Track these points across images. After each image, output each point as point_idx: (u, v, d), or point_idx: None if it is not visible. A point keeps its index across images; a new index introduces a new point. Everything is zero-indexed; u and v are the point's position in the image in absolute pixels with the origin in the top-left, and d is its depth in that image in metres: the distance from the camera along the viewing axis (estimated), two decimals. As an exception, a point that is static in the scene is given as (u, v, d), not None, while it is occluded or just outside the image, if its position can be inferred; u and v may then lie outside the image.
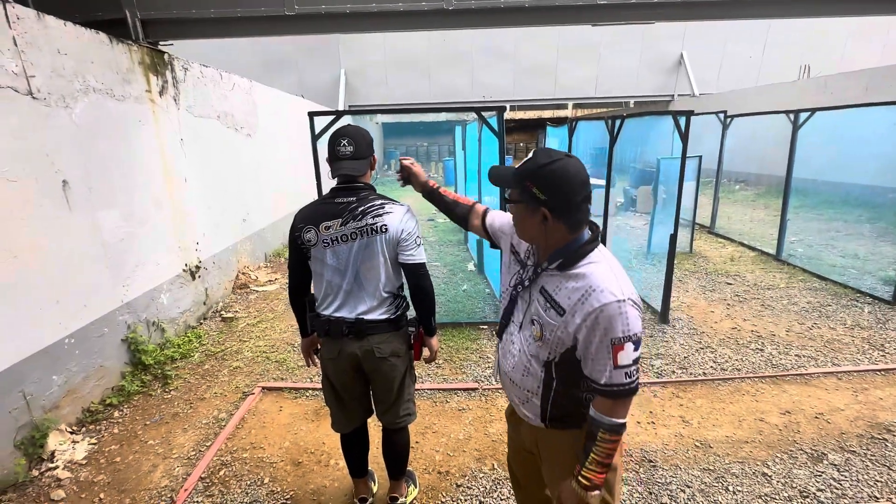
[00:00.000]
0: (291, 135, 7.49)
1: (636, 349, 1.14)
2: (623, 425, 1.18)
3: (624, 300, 1.12)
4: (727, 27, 13.88)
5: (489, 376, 3.34)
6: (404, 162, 1.83)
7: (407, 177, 1.85)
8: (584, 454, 1.21)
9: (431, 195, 1.76)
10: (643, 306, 4.49)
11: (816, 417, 2.80)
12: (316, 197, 4.00)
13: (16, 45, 2.55)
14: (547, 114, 23.77)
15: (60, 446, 2.61)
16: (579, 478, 1.21)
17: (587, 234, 1.23)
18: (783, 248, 5.82)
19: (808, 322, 4.10)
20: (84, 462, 2.57)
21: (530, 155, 1.22)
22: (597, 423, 1.19)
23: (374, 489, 2.33)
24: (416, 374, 3.36)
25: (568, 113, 23.83)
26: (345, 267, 1.78)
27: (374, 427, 2.25)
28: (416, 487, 2.32)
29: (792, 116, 5.47)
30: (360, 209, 1.73)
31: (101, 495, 2.34)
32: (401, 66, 14.24)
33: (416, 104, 14.23)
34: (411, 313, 1.95)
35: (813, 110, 5.26)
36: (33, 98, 2.65)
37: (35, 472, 2.46)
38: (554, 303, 1.21)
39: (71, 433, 2.74)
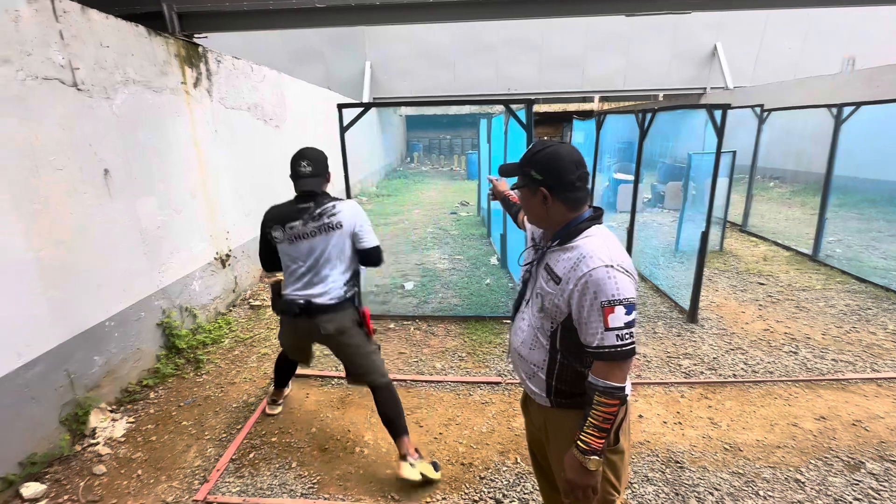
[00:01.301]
0: (318, 126, 7.58)
1: (628, 313, 1.19)
2: (619, 389, 1.21)
3: (612, 265, 1.20)
4: (766, 17, 13.31)
5: (512, 371, 3.34)
6: (490, 178, 2.17)
7: (493, 190, 2.16)
8: (583, 419, 1.26)
9: (505, 201, 2.04)
10: (671, 304, 4.42)
11: (854, 424, 2.70)
12: (343, 187, 4.04)
13: (62, 38, 2.65)
14: (572, 107, 23.36)
15: (101, 423, 2.73)
16: (577, 442, 1.25)
17: (589, 213, 1.34)
18: (820, 248, 5.59)
19: (846, 325, 3.94)
20: (123, 439, 2.69)
21: (529, 146, 1.38)
22: (592, 386, 1.24)
23: (287, 391, 2.98)
24: (438, 366, 3.40)
25: (594, 106, 23.38)
26: (304, 258, 2.22)
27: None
28: (434, 470, 2.32)
29: (834, 111, 5.23)
30: (316, 211, 2.18)
31: (139, 472, 2.45)
32: (425, 58, 14.19)
33: (440, 96, 14.20)
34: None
35: (858, 104, 5.02)
36: (78, 90, 2.75)
37: (78, 447, 2.59)
38: (553, 274, 1.31)
39: (111, 411, 2.86)
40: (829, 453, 2.48)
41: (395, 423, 2.34)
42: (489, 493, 2.28)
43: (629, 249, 5.56)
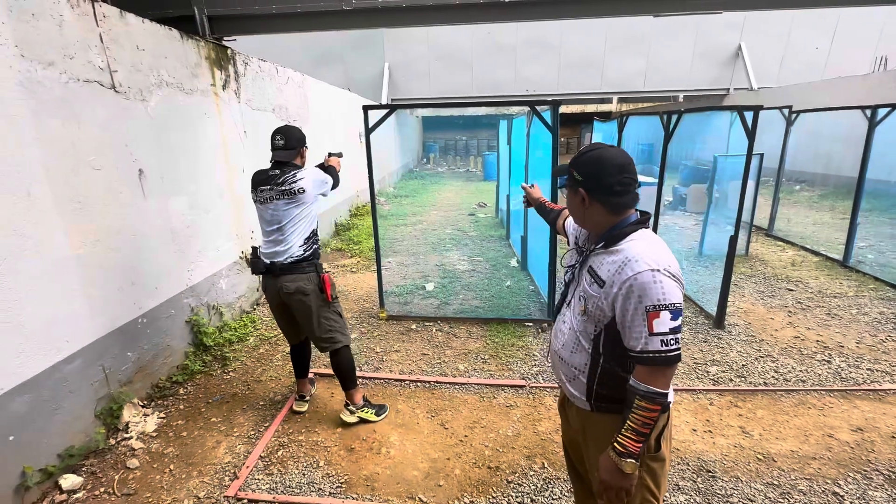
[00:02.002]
0: (339, 126, 7.65)
1: (674, 318, 1.17)
2: (661, 395, 1.19)
3: (658, 269, 1.18)
4: (792, 16, 13.00)
5: (536, 374, 3.32)
6: (524, 185, 2.18)
7: (528, 197, 2.16)
8: (622, 422, 1.25)
9: (541, 207, 2.02)
10: (696, 309, 4.34)
11: (894, 437, 2.62)
12: (366, 187, 4.07)
13: (102, 41, 2.72)
14: (590, 108, 23.17)
15: (134, 418, 2.80)
16: (614, 443, 1.25)
17: (635, 217, 1.33)
18: (851, 254, 5.43)
19: (881, 334, 3.82)
20: (154, 434, 2.75)
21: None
22: (633, 389, 1.22)
23: (313, 390, 3.11)
24: (461, 367, 3.40)
25: (612, 107, 23.14)
26: (270, 219, 2.54)
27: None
28: (375, 415, 2.81)
29: (868, 112, 5.08)
30: (281, 178, 2.48)
31: (171, 466, 2.50)
32: (443, 59, 14.20)
33: (458, 98, 14.19)
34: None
35: (894, 106, 4.86)
36: (116, 92, 2.82)
37: (112, 441, 2.65)
38: (597, 277, 1.30)
39: (142, 406, 2.93)
40: (868, 466, 2.41)
41: (347, 379, 2.74)
42: (517, 497, 2.27)
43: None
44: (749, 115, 3.54)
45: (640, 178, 8.76)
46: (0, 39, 2.11)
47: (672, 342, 1.18)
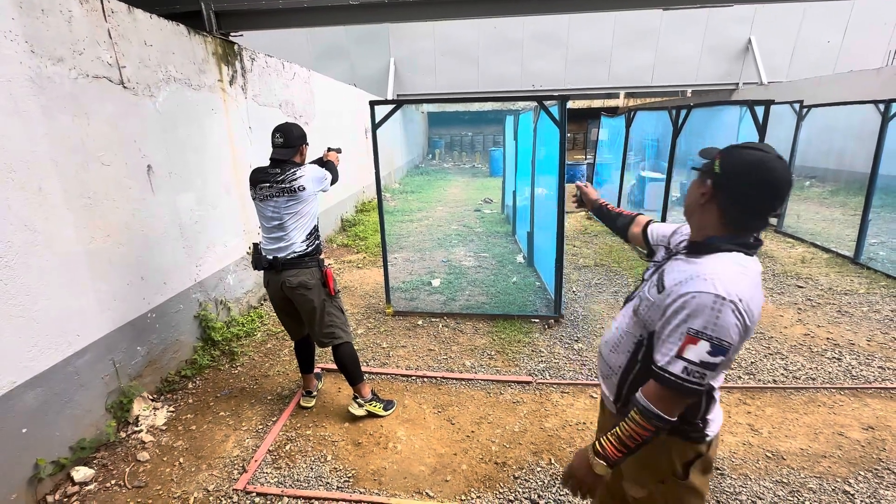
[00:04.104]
0: (345, 122, 7.64)
1: (711, 354, 1.04)
2: (659, 418, 1.09)
3: (725, 298, 1.03)
4: (804, 9, 12.80)
5: (543, 370, 3.31)
6: (578, 184, 1.98)
7: (581, 197, 1.97)
8: (615, 426, 1.19)
9: (599, 210, 1.86)
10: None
11: (905, 436, 2.59)
12: (371, 183, 4.06)
13: (110, 37, 2.73)
14: (597, 103, 22.99)
15: (143, 412, 2.83)
16: (597, 441, 1.19)
17: (744, 239, 1.14)
18: (863, 251, 5.37)
19: (893, 332, 3.77)
20: (164, 428, 2.78)
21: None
22: (635, 400, 1.15)
23: (319, 385, 3.12)
24: (468, 363, 3.39)
25: (619, 102, 22.96)
26: (271, 216, 2.55)
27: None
28: (383, 410, 2.83)
29: (882, 107, 5.00)
30: (280, 176, 2.51)
31: (181, 459, 2.52)
32: (449, 54, 14.13)
33: (464, 93, 14.14)
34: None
35: (908, 100, 4.78)
36: (124, 87, 2.83)
37: (122, 434, 2.68)
38: (661, 281, 1.18)
39: (152, 400, 2.96)
40: (880, 465, 2.39)
41: (352, 374, 2.76)
42: (524, 493, 2.27)
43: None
44: (760, 110, 3.50)
45: (648, 173, 8.72)
46: (10, 36, 2.12)
47: (695, 375, 1.06)
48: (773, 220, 7.01)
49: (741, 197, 1.10)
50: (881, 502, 2.16)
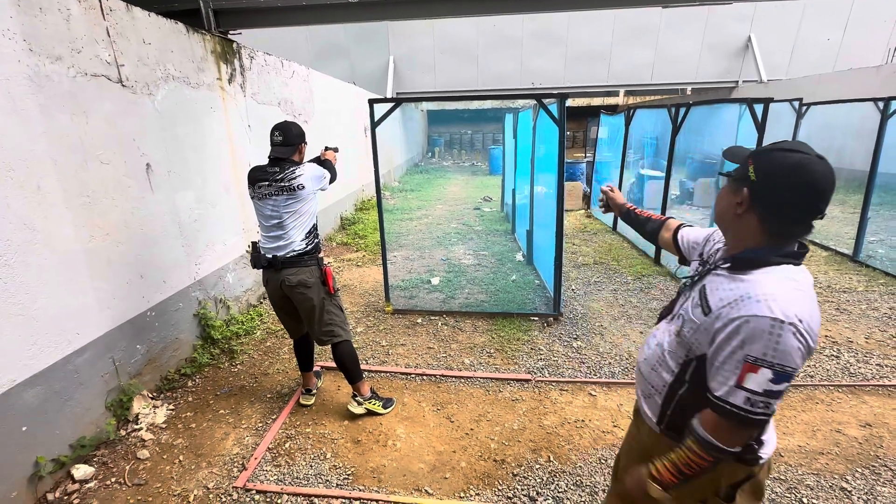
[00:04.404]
0: (344, 121, 7.63)
1: (775, 381, 0.95)
2: (719, 450, 1.02)
3: (784, 322, 0.94)
4: (803, 6, 12.78)
5: (542, 368, 3.32)
6: (603, 188, 1.90)
7: (608, 202, 1.90)
8: (671, 451, 1.13)
9: (627, 215, 1.77)
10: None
11: (903, 433, 2.60)
12: (373, 181, 4.07)
13: (108, 35, 2.72)
14: (596, 101, 22.97)
15: (143, 410, 2.83)
16: (650, 464, 1.14)
17: (789, 248, 1.06)
18: (861, 249, 5.37)
19: (891, 329, 3.78)
20: (164, 426, 2.78)
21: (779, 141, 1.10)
22: (692, 429, 1.07)
23: (319, 384, 3.13)
24: (467, 361, 3.40)
25: (619, 100, 22.93)
26: (270, 214, 2.54)
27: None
28: (382, 408, 2.84)
29: (881, 104, 5.00)
30: (280, 175, 2.50)
31: (181, 457, 2.53)
32: (449, 52, 14.11)
33: (463, 91, 14.12)
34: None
35: (907, 98, 4.78)
36: (123, 86, 2.83)
37: (122, 432, 2.69)
38: (705, 301, 1.09)
39: (152, 398, 2.96)
40: (877, 462, 2.40)
41: (351, 372, 2.77)
42: (522, 490, 2.28)
43: (658, 247, 5.46)
44: (759, 108, 3.50)
45: (647, 172, 8.71)
46: (8, 34, 2.12)
47: (759, 405, 0.97)
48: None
49: (783, 205, 1.01)
50: (878, 499, 2.17)
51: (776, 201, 1.01)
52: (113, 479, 2.37)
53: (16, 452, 2.13)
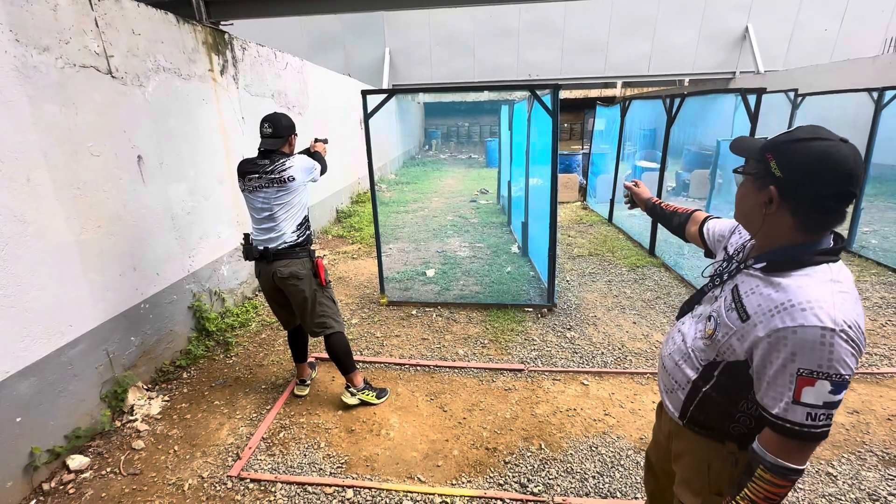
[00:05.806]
0: (339, 113, 7.60)
1: (834, 392, 0.91)
2: (794, 471, 0.96)
3: (834, 329, 0.89)
4: (801, -3, 12.73)
5: (535, 358, 3.35)
6: (627, 184, 1.87)
7: (632, 197, 1.86)
8: (735, 487, 1.04)
9: (653, 210, 1.73)
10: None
11: (889, 419, 2.64)
12: (367, 174, 4.06)
13: (97, 26, 2.70)
14: (594, 93, 22.89)
15: (138, 401, 2.85)
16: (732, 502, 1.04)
17: (826, 243, 1.01)
18: (854, 239, 5.40)
19: (881, 318, 3.82)
20: (159, 417, 2.80)
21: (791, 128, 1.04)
22: (758, 457, 0.99)
23: (313, 375, 3.13)
24: (461, 352, 3.42)
25: (616, 92, 22.84)
26: (260, 206, 2.54)
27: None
28: (376, 398, 2.86)
29: (875, 95, 5.00)
30: (270, 167, 2.50)
31: (176, 447, 2.55)
32: (445, 44, 14.02)
33: (460, 83, 14.04)
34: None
35: (901, 88, 4.78)
36: (112, 77, 2.81)
37: (118, 423, 2.71)
38: (740, 305, 1.04)
39: (147, 390, 2.98)
40: (863, 447, 2.43)
41: (344, 363, 2.77)
42: (514, 477, 2.31)
43: (653, 238, 5.48)
44: (752, 98, 3.50)
45: (643, 163, 8.71)
46: (-6, 24, 2.10)
47: (821, 418, 0.92)
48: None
49: (816, 198, 0.96)
50: (863, 483, 2.20)
51: (809, 195, 0.96)
52: (108, 469, 2.39)
53: (11, 443, 2.15)
